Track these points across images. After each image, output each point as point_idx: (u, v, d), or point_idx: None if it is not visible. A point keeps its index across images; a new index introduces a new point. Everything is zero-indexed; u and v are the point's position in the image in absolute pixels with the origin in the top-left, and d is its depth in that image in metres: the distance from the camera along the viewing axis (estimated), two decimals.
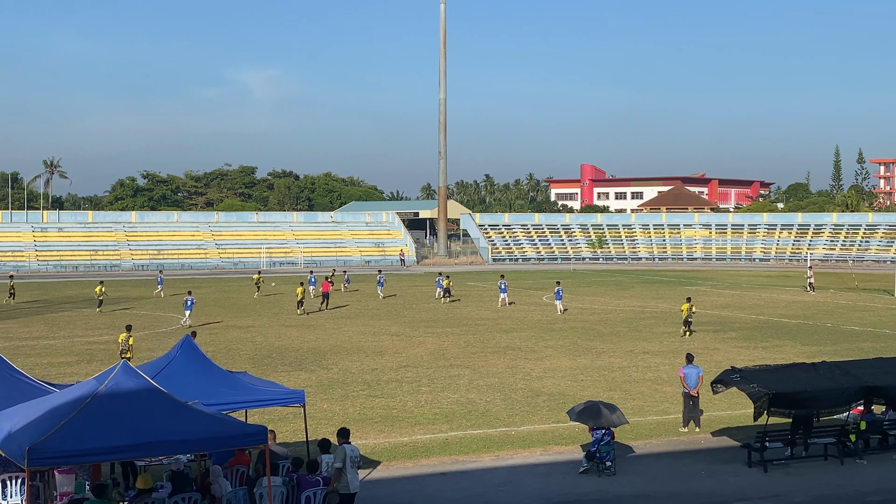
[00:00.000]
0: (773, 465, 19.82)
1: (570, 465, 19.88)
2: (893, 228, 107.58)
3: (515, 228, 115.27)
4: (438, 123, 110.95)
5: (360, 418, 24.35)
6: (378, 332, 41.94)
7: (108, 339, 39.33)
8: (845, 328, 43.36)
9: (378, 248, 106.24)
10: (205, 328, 43.16)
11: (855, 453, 20.66)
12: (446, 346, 37.66)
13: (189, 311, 45.41)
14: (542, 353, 35.44)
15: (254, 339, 39.58)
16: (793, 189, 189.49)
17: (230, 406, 17.21)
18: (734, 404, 25.10)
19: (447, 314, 49.78)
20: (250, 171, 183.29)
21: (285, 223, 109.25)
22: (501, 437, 22.42)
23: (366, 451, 20.75)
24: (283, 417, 23.65)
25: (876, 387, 20.76)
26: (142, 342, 38.31)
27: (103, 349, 36.37)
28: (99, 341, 38.92)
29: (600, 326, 43.99)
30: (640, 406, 25.71)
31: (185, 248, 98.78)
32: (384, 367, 32.30)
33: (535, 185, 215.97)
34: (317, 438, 19.92)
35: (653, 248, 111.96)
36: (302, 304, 51.14)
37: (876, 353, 33.04)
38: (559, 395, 27.14)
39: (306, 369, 31.91)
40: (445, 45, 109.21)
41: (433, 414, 24.90)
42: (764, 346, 37.45)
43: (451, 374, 30.82)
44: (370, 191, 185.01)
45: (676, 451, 21.35)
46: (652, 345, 37.70)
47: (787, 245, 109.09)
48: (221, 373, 18.66)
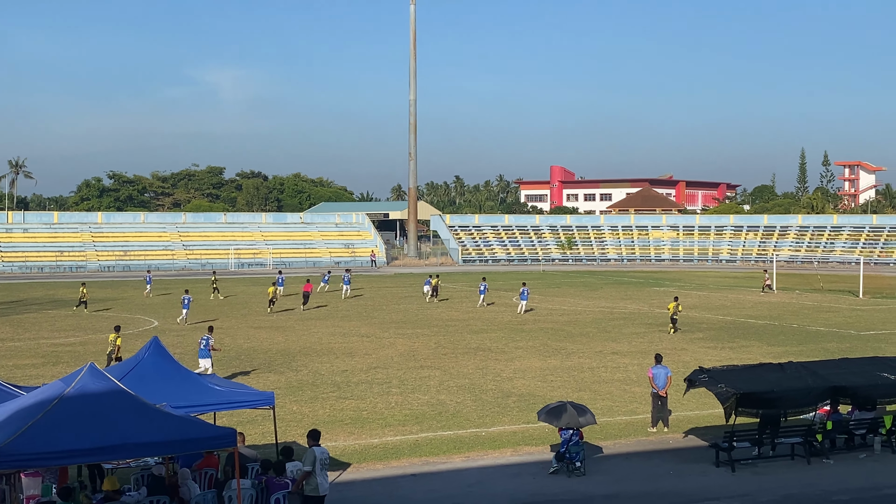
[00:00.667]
0: (740, 464, 19.96)
1: (540, 466, 19.93)
2: (858, 230, 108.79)
3: (485, 230, 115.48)
4: (409, 124, 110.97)
5: (330, 420, 24.28)
6: (348, 334, 41.84)
7: (73, 342, 38.99)
8: (811, 329, 43.78)
9: (348, 250, 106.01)
10: (171, 330, 42.90)
11: (821, 453, 20.86)
12: (416, 347, 37.63)
13: (186, 309, 46.15)
14: (513, 354, 35.51)
15: (222, 341, 39.25)
16: (759, 191, 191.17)
17: (198, 408, 17.08)
18: (702, 404, 25.26)
19: (417, 315, 49.76)
20: (218, 171, 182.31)
21: (254, 224, 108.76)
22: (472, 438, 22.43)
23: (336, 453, 20.70)
24: (252, 420, 23.53)
25: (842, 387, 20.97)
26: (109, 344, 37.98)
27: (69, 351, 36.03)
28: (65, 343, 38.54)
29: (570, 327, 44.15)
30: (610, 406, 25.82)
31: (151, 250, 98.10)
32: (354, 369, 32.22)
33: (505, 187, 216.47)
34: (286, 441, 19.89)
35: (621, 249, 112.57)
36: (273, 303, 51.64)
37: (841, 353, 33.39)
38: (529, 396, 27.20)
39: (275, 371, 31.76)
40: (416, 46, 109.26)
41: (403, 415, 24.87)
42: (731, 346, 37.74)
43: (421, 376, 30.81)
44: (340, 192, 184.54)
45: (645, 451, 21.46)
46: (621, 345, 37.88)
47: (754, 246, 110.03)
48: (190, 375, 18.53)
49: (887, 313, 51.02)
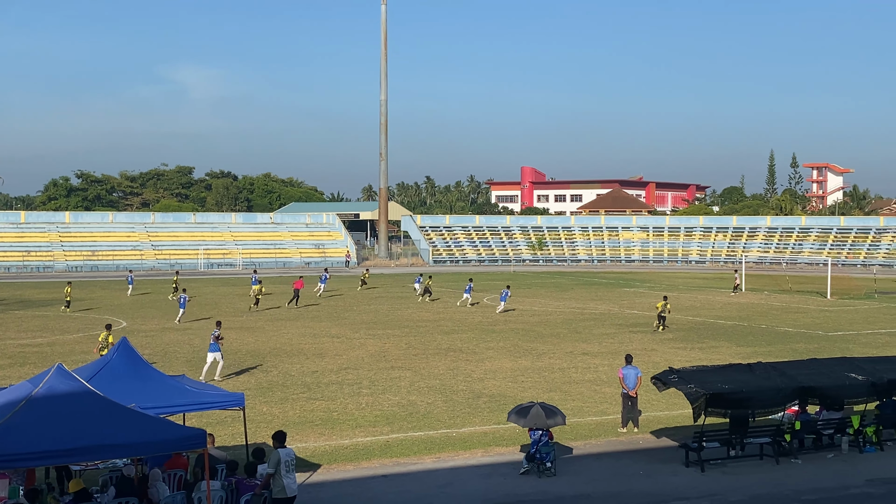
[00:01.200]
0: (710, 464, 20.08)
1: (510, 466, 19.94)
2: (826, 232, 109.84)
3: (456, 230, 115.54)
4: (379, 125, 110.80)
5: (300, 421, 24.18)
6: (318, 334, 41.69)
7: (41, 342, 38.60)
8: (779, 329, 44.13)
9: (318, 250, 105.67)
10: (140, 331, 42.60)
11: (790, 453, 21.02)
12: (387, 347, 37.57)
13: (183, 308, 46.61)
14: (483, 355, 35.53)
15: (191, 342, 39.08)
16: (728, 192, 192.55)
17: (168, 409, 16.95)
18: (672, 405, 25.40)
19: (388, 316, 49.69)
20: (187, 171, 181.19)
21: (223, 224, 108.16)
22: (443, 438, 22.41)
23: (306, 454, 20.62)
24: (221, 421, 23.39)
25: (810, 387, 21.14)
26: (76, 345, 37.72)
27: (36, 352, 35.65)
28: (32, 344, 38.14)
29: (541, 328, 44.24)
30: (580, 407, 25.89)
31: (120, 250, 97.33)
32: (324, 370, 32.11)
33: (476, 188, 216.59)
34: (256, 442, 19.79)
35: (591, 250, 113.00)
36: (258, 302, 52.83)
37: (810, 354, 33.67)
38: (500, 397, 27.22)
39: (245, 372, 31.59)
40: (387, 46, 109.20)
41: (374, 416, 24.82)
42: (700, 346, 37.96)
43: (392, 376, 30.75)
44: (310, 192, 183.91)
45: (615, 451, 21.53)
46: (591, 346, 38.00)
47: (723, 247, 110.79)
48: (159, 376, 18.38)
49: (855, 314, 51.54)
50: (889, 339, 40.10)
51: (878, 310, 54.15)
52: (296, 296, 55.30)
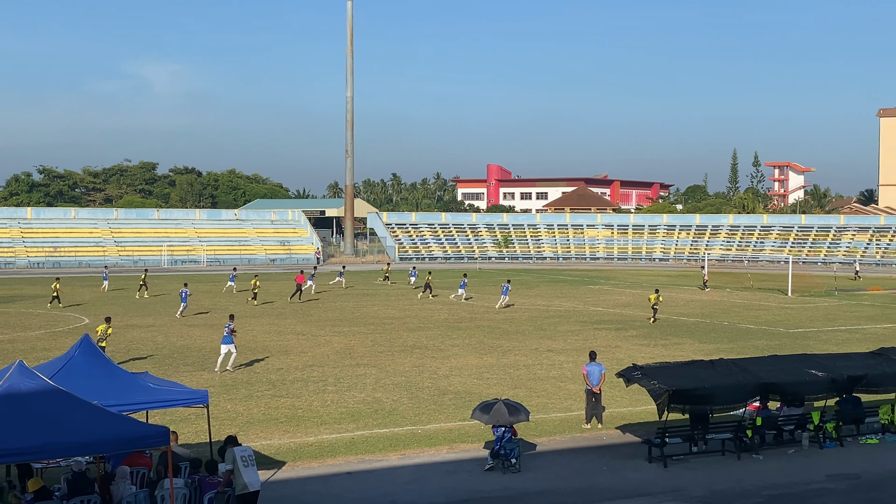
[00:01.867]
0: (672, 460, 20.25)
1: (475, 463, 20.00)
2: (787, 230, 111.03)
3: (422, 227, 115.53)
4: (346, 121, 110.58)
5: (265, 418, 24.10)
6: (283, 332, 41.54)
7: (1, 339, 38.14)
8: (741, 326, 44.56)
9: (284, 247, 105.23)
10: None
11: (751, 448, 21.25)
12: (353, 344, 37.52)
13: (184, 303, 47.53)
14: (449, 352, 35.58)
15: (155, 339, 38.81)
16: (691, 191, 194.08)
17: (131, 407, 16.83)
18: (635, 401, 25.58)
19: (353, 313, 49.61)
20: (151, 167, 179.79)
21: (187, 221, 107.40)
22: (408, 435, 22.43)
23: (270, 452, 20.57)
24: (185, 418, 23.25)
25: (771, 383, 21.40)
26: (38, 342, 37.34)
27: None
28: None
29: (506, 325, 44.36)
30: (545, 403, 26.01)
31: (82, 246, 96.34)
32: (289, 367, 32.01)
33: (443, 185, 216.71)
34: (220, 440, 19.66)
35: (557, 247, 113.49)
36: (255, 296, 54.17)
37: (771, 350, 34.02)
38: (465, 394, 27.28)
39: (209, 369, 31.41)
40: (353, 43, 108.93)
41: (339, 413, 24.79)
42: (664, 343, 38.25)
43: (357, 374, 30.72)
44: (275, 188, 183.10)
45: (579, 447, 21.66)
46: (556, 343, 38.17)
47: (686, 245, 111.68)
48: (122, 373, 18.25)
49: (815, 311, 52.15)
50: (849, 336, 40.63)
51: (838, 307, 54.84)
52: (298, 290, 56.43)
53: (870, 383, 22.69)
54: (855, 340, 38.91)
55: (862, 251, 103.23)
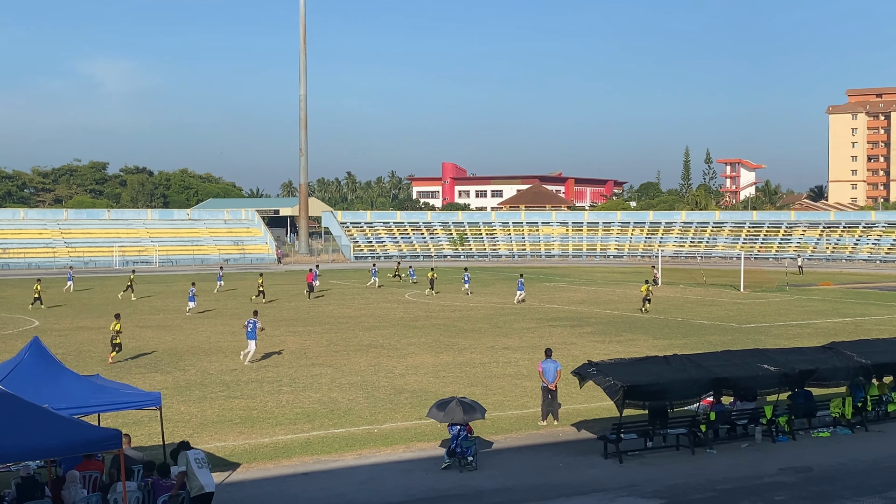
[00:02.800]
0: (628, 455, 20.36)
1: (432, 462, 19.96)
2: (739, 226, 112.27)
3: (377, 226, 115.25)
4: (299, 120, 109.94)
5: (219, 420, 23.87)
6: (237, 332, 41.09)
7: None
8: (695, 322, 44.96)
9: (237, 247, 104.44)
10: (53, 331, 41.61)
11: (705, 443, 21.42)
12: (308, 344, 37.31)
13: (193, 302, 49.09)
14: (405, 351, 35.50)
15: (106, 341, 38.22)
16: (644, 188, 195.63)
17: (82, 410, 16.58)
18: (591, 397, 25.69)
19: (308, 312, 49.34)
20: (101, 166, 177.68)
21: (139, 221, 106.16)
22: (364, 435, 22.34)
23: (225, 453, 20.37)
24: (138, 421, 22.96)
25: (724, 378, 21.60)
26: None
27: None
28: None
29: (462, 323, 44.38)
30: (501, 401, 26.04)
31: (32, 247, 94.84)
32: (244, 368, 31.75)
33: (398, 183, 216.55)
34: (173, 442, 19.45)
35: (512, 245, 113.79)
36: (263, 294, 55.55)
37: (724, 345, 34.34)
38: (421, 392, 27.23)
39: (162, 371, 31.07)
40: (305, 41, 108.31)
41: (294, 414, 24.62)
42: (618, 340, 38.48)
43: (312, 373, 30.55)
44: (228, 188, 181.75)
45: (536, 444, 21.71)
46: (512, 340, 38.24)
47: (640, 242, 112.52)
48: (73, 376, 17.97)
49: (767, 306, 52.78)
50: (800, 331, 41.16)
51: (789, 302, 55.55)
52: (310, 288, 58.10)
53: (821, 377, 22.98)
54: (806, 335, 39.43)
55: (812, 247, 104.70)
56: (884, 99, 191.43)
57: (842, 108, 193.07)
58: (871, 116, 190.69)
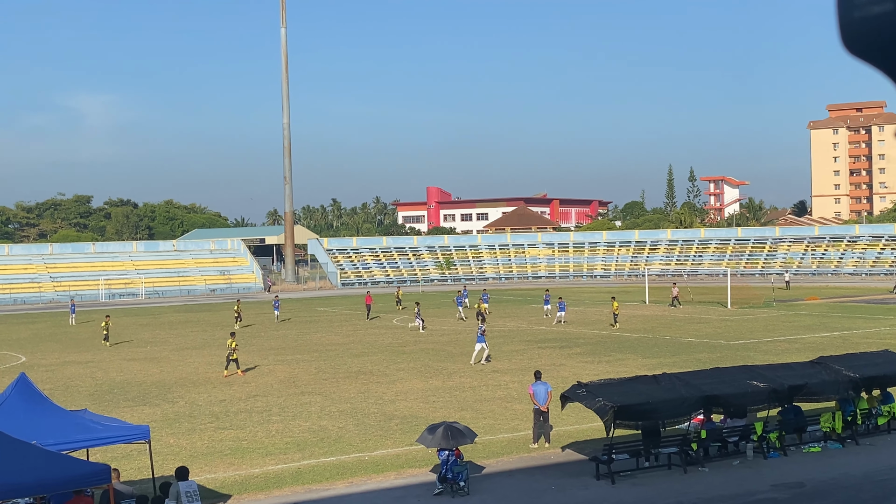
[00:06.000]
0: (620, 476, 20.33)
1: (424, 488, 19.88)
2: (724, 243, 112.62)
3: (364, 252, 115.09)
4: (283, 148, 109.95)
5: (209, 451, 23.73)
6: (225, 363, 40.94)
7: None
8: (683, 340, 45.03)
9: (224, 277, 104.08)
10: (40, 366, 41.36)
11: (697, 461, 21.41)
12: (296, 373, 37.18)
13: (277, 311, 58.16)
14: (394, 377, 35.42)
15: (94, 375, 38.09)
16: (629, 207, 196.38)
17: (70, 445, 16.47)
18: (581, 418, 25.65)
19: (296, 341, 49.19)
20: (86, 200, 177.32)
21: (124, 253, 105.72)
22: (355, 463, 22.24)
23: (215, 485, 20.24)
24: (127, 455, 22.81)
25: (714, 396, 21.62)
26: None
27: None
28: None
29: (451, 347, 44.31)
30: (492, 424, 25.98)
31: (16, 283, 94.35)
32: (233, 398, 31.60)
33: (383, 209, 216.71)
34: (163, 475, 19.33)
35: (499, 267, 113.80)
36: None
37: (713, 363, 34.40)
38: (412, 418, 27.15)
39: (150, 404, 30.90)
40: (287, 70, 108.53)
41: (285, 443, 24.50)
42: (608, 360, 38.48)
43: (302, 402, 30.43)
44: (214, 218, 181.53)
45: (527, 467, 21.64)
46: (501, 363, 38.19)
47: (626, 261, 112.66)
48: (60, 411, 17.86)
49: (755, 323, 52.90)
50: (788, 346, 41.26)
51: (776, 318, 55.70)
52: (368, 310, 60.82)
53: (810, 392, 23.03)
54: (794, 350, 39.52)
55: (798, 262, 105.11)
56: (864, 113, 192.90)
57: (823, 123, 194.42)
58: (851, 131, 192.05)
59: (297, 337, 51.27)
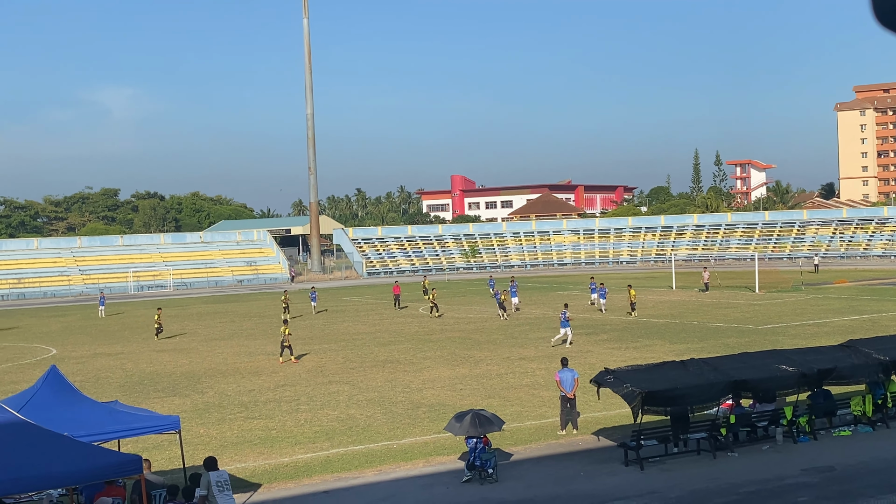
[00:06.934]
0: (648, 462, 20.28)
1: (452, 475, 19.93)
2: (751, 227, 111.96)
3: (389, 241, 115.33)
4: (307, 139, 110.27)
5: (239, 441, 23.90)
6: (253, 353, 41.27)
7: None
8: (711, 325, 44.82)
9: (250, 267, 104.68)
10: (70, 358, 41.78)
11: (726, 446, 21.33)
12: (324, 362, 37.34)
13: (315, 302, 59.42)
14: (421, 365, 35.50)
15: (124, 367, 38.43)
16: (655, 192, 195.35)
17: (101, 437, 16.65)
18: (609, 405, 25.59)
19: (323, 330, 49.39)
20: (113, 193, 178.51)
21: (152, 245, 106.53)
22: (383, 451, 22.32)
23: (245, 475, 20.38)
24: (157, 445, 23.01)
25: (742, 381, 21.50)
26: (5, 375, 36.87)
27: None
28: None
29: (477, 335, 44.34)
30: (519, 412, 25.99)
31: (47, 276, 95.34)
32: (261, 388, 31.80)
33: (407, 198, 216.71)
34: (194, 465, 19.49)
35: (524, 255, 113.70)
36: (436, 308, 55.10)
37: (741, 348, 34.21)
38: (439, 406, 27.21)
39: (180, 394, 31.14)
40: (310, 60, 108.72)
41: (313, 432, 24.63)
42: (635, 346, 38.38)
43: (330, 391, 30.56)
44: (240, 209, 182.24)
45: (556, 454, 21.64)
46: (528, 351, 38.19)
47: (652, 247, 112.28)
48: (91, 403, 18.05)
49: (783, 307, 52.57)
50: (817, 330, 40.98)
51: (805, 301, 55.33)
52: (396, 300, 60.91)
53: (840, 376, 22.87)
54: (823, 334, 39.25)
55: (826, 245, 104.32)
56: (891, 94, 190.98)
57: (849, 105, 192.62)
58: (879, 112, 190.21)
59: (323, 326, 51.48)
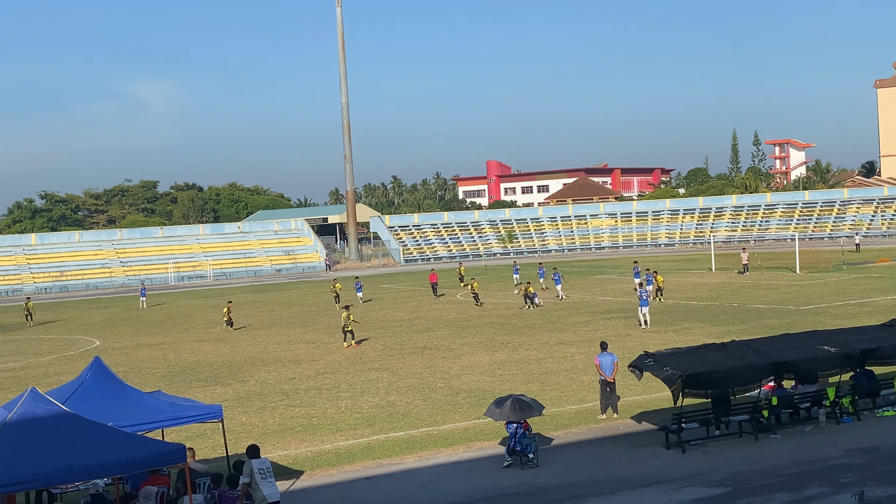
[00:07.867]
0: (690, 445, 20.20)
1: (493, 461, 19.97)
2: (791, 207, 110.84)
3: (425, 228, 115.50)
4: (342, 127, 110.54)
5: (280, 429, 24.11)
6: (293, 341, 41.56)
7: (14, 366, 38.25)
8: (751, 307, 44.45)
9: (289, 256, 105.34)
10: (114, 349, 42.30)
11: (768, 428, 21.17)
12: (363, 349, 37.52)
13: (360, 293, 57.80)
14: (460, 351, 35.55)
15: (166, 357, 38.86)
16: (692, 174, 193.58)
17: (145, 426, 16.85)
18: (649, 388, 25.51)
19: (361, 318, 49.47)
20: (152, 185, 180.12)
21: (191, 236, 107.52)
22: (424, 437, 22.41)
23: (287, 462, 20.56)
24: (201, 434, 23.27)
25: (784, 362, 21.33)
26: (50, 367, 37.42)
27: (10, 377, 35.32)
28: (4, 369, 37.78)
29: (515, 320, 44.32)
30: (559, 396, 25.97)
31: (88, 268, 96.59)
32: (302, 376, 32.03)
33: (443, 184, 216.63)
34: (237, 453, 19.69)
35: (561, 239, 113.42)
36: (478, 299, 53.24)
37: (782, 329, 33.93)
38: (478, 392, 27.25)
39: (222, 383, 31.45)
40: (344, 48, 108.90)
41: (354, 419, 24.77)
42: (674, 329, 38.18)
43: (369, 378, 30.72)
44: (277, 199, 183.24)
45: (596, 438, 21.62)
46: (566, 335, 38.12)
47: (691, 229, 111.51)
48: (135, 393, 18.26)
49: (824, 287, 52.02)
50: (859, 310, 40.52)
51: (846, 281, 54.71)
52: (434, 288, 60.15)
53: (883, 355, 22.61)
54: (866, 313, 38.80)
55: (867, 223, 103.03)
56: None
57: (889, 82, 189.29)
58: None
59: (362, 314, 51.62)
